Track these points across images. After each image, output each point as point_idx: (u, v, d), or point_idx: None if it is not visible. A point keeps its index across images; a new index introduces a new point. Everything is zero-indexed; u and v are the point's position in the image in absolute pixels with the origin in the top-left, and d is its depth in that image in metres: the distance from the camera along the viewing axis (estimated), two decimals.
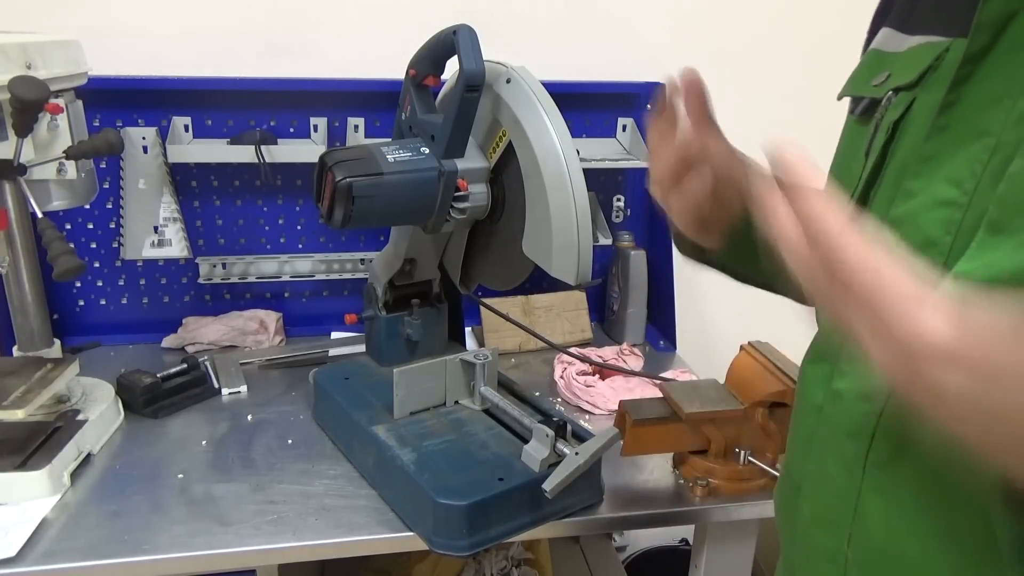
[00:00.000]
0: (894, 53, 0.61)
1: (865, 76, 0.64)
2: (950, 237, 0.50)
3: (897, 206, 0.55)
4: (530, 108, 0.90)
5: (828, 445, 0.59)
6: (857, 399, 0.56)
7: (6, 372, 1.02)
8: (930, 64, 0.55)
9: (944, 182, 0.51)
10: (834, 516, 0.58)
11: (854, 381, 0.57)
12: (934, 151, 0.52)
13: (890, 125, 0.57)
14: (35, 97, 0.88)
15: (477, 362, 1.04)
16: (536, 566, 1.43)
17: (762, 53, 1.54)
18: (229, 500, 0.97)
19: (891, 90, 0.58)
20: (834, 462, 0.58)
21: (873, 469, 0.55)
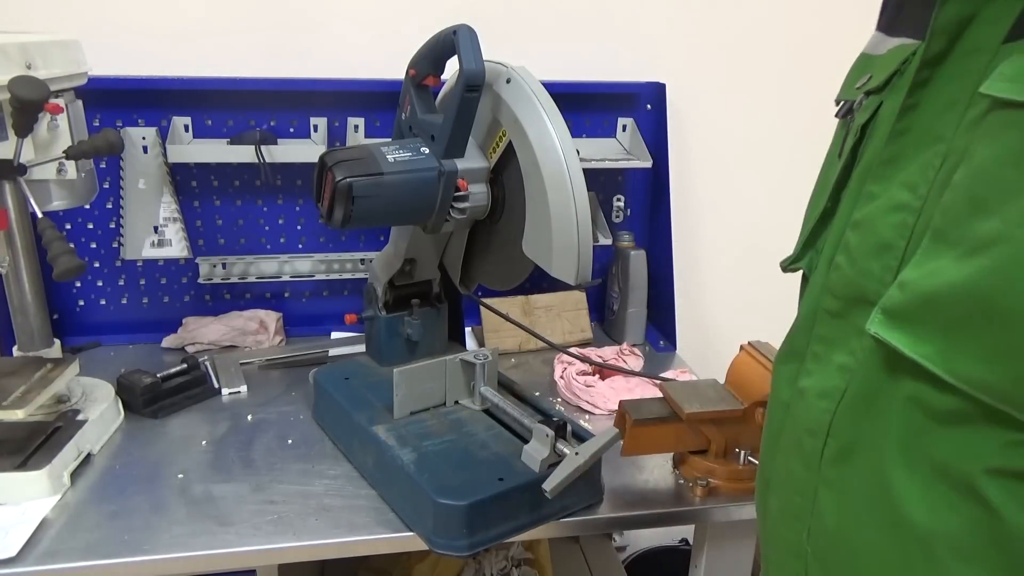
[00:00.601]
0: (876, 55, 0.61)
1: (852, 79, 0.65)
2: (903, 241, 0.51)
3: (859, 209, 0.55)
4: (530, 108, 0.90)
5: (791, 442, 0.60)
6: (817, 397, 0.57)
7: (6, 372, 1.02)
8: (897, 68, 0.56)
9: (901, 186, 0.52)
10: (796, 511, 0.59)
11: (816, 380, 0.58)
12: (894, 155, 0.53)
13: (859, 128, 0.58)
14: (35, 97, 0.88)
15: (477, 362, 1.04)
16: (536, 566, 1.43)
17: (762, 53, 1.54)
18: (229, 500, 0.97)
19: (863, 93, 0.60)
20: (796, 458, 0.59)
21: (827, 465, 0.56)
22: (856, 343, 0.54)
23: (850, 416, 0.54)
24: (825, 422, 0.56)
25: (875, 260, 0.53)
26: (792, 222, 1.86)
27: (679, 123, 1.54)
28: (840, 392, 0.55)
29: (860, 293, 0.54)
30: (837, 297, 0.57)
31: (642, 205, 1.56)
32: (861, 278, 0.54)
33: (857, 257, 0.54)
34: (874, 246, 0.53)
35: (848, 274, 0.55)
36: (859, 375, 0.54)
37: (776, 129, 1.60)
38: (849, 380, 0.54)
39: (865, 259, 0.54)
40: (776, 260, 1.69)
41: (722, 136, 1.58)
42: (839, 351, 0.56)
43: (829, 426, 0.56)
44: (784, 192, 1.65)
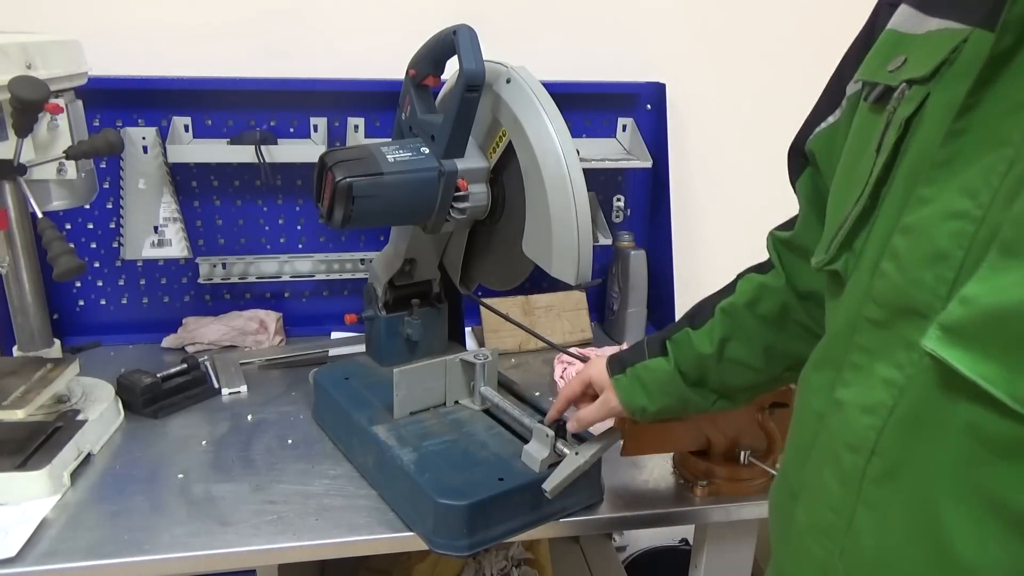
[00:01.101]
0: (911, 35, 0.57)
1: (880, 59, 0.59)
2: (962, 252, 0.47)
3: (909, 213, 0.51)
4: (530, 108, 0.90)
5: (827, 455, 0.58)
6: (859, 411, 0.54)
7: (6, 372, 1.02)
8: (946, 57, 0.52)
9: (957, 192, 0.48)
10: (828, 527, 0.57)
11: (857, 392, 0.55)
12: (949, 157, 0.49)
13: (902, 121, 0.54)
14: (35, 97, 0.88)
15: (477, 362, 1.04)
16: (536, 566, 1.43)
17: (762, 53, 1.54)
18: (229, 500, 0.97)
19: (904, 81, 0.55)
20: (831, 473, 0.57)
21: (869, 484, 0.53)
22: (904, 356, 0.51)
23: (898, 435, 0.51)
24: (869, 439, 0.53)
25: (928, 269, 0.49)
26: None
27: (679, 123, 1.54)
28: (887, 408, 0.52)
29: (909, 303, 0.51)
30: (881, 306, 0.53)
31: (642, 205, 1.56)
32: (911, 287, 0.51)
33: (907, 265, 0.51)
34: (928, 255, 0.49)
35: (896, 282, 0.52)
36: (910, 392, 0.51)
37: (776, 129, 1.60)
38: (898, 397, 0.51)
39: (916, 267, 0.50)
40: None
41: (722, 136, 1.58)
42: (883, 363, 0.53)
43: (874, 444, 0.53)
44: (784, 192, 1.65)
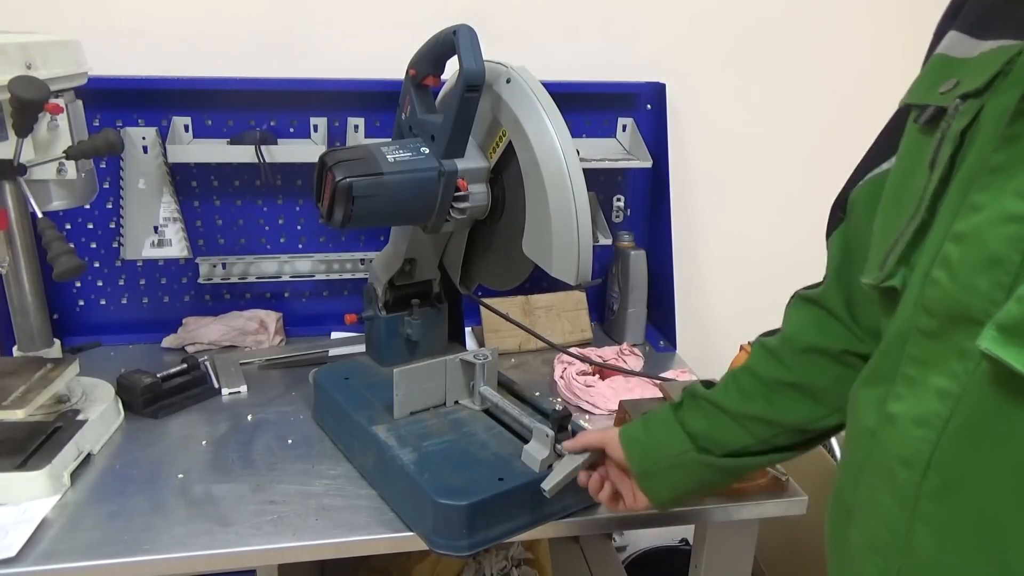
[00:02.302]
0: (963, 59, 0.57)
1: (931, 83, 0.59)
2: (1018, 255, 0.47)
3: (961, 220, 0.51)
4: (530, 108, 0.90)
5: (880, 472, 0.56)
6: (912, 424, 0.53)
7: (6, 372, 1.02)
8: (1000, 69, 0.52)
9: (1013, 196, 0.48)
10: (883, 547, 0.56)
11: (910, 405, 0.54)
12: (1003, 162, 0.49)
13: (957, 134, 0.53)
14: (35, 97, 0.88)
15: (477, 362, 1.04)
16: (536, 566, 1.43)
17: (762, 53, 1.54)
18: (229, 500, 0.97)
19: (958, 97, 0.54)
20: (886, 490, 0.55)
21: (926, 500, 0.52)
22: (959, 365, 0.50)
23: (955, 448, 0.50)
24: (924, 452, 0.52)
25: (983, 275, 0.49)
26: (792, 222, 1.86)
27: (679, 123, 1.54)
28: (942, 420, 0.51)
29: (963, 311, 0.50)
30: (933, 315, 0.52)
31: (642, 205, 1.56)
32: (964, 294, 0.50)
33: (960, 272, 0.50)
34: (982, 260, 0.49)
35: (949, 290, 0.51)
36: (966, 402, 0.50)
37: (776, 129, 1.60)
38: (953, 407, 0.50)
39: (970, 274, 0.49)
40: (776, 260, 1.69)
41: (722, 136, 1.58)
42: (937, 373, 0.52)
43: (929, 457, 0.51)
44: (784, 192, 1.65)
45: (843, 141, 1.64)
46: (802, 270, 1.77)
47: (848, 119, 1.61)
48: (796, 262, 1.73)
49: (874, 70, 1.58)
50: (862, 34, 1.56)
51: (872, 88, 1.58)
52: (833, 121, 1.61)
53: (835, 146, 1.63)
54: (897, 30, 1.56)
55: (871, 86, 1.58)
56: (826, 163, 1.64)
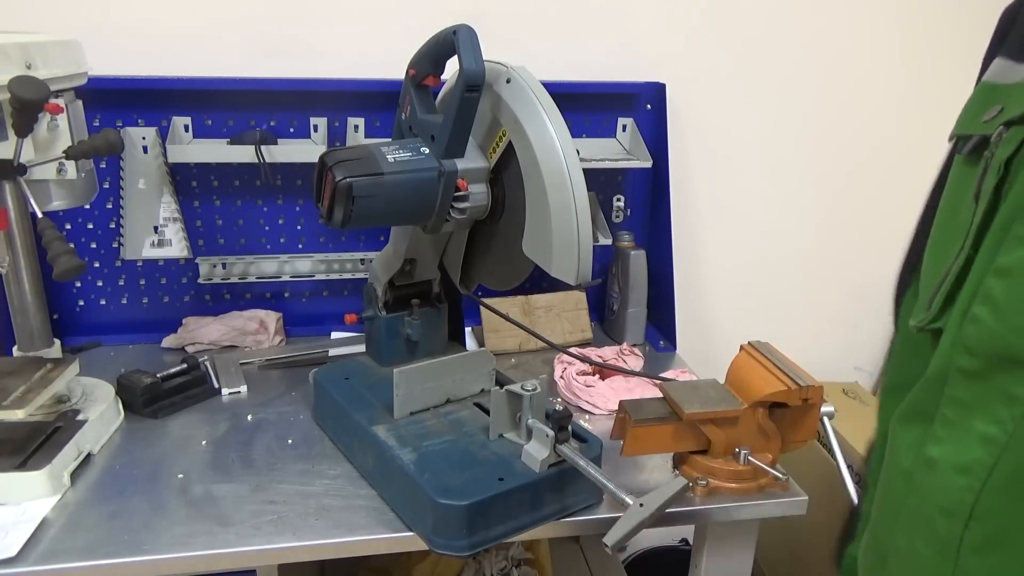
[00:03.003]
0: (1008, 85, 0.54)
1: (975, 111, 0.57)
2: None
3: (1005, 253, 0.48)
4: (530, 108, 0.90)
5: (918, 519, 0.54)
6: (953, 471, 0.50)
7: (6, 372, 1.02)
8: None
9: None
10: None
11: (950, 450, 0.51)
12: None
13: (1001, 164, 0.51)
14: (35, 97, 0.88)
15: (525, 393, 0.93)
16: (536, 566, 1.43)
17: (762, 53, 1.54)
18: (229, 500, 0.97)
19: (1002, 124, 0.52)
20: (924, 540, 0.53)
21: (968, 553, 0.49)
22: (1004, 411, 0.48)
23: (1001, 499, 0.48)
24: (967, 502, 0.49)
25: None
26: (792, 222, 1.85)
27: (679, 123, 1.54)
28: (986, 468, 0.48)
29: (1009, 351, 0.47)
30: (975, 355, 0.50)
31: (642, 205, 1.56)
32: (1011, 334, 0.47)
33: (1005, 310, 0.47)
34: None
35: (993, 329, 0.48)
36: (1013, 450, 0.47)
37: (776, 129, 1.60)
38: (998, 455, 0.48)
39: (1016, 312, 0.47)
40: (776, 260, 1.69)
41: (722, 136, 1.58)
42: (980, 418, 0.49)
43: (972, 508, 0.49)
44: (784, 191, 1.65)
45: (843, 141, 1.64)
46: (802, 270, 1.78)
47: (848, 119, 1.61)
48: (796, 262, 1.74)
49: (874, 71, 1.58)
50: (862, 35, 1.56)
51: (872, 88, 1.59)
52: (833, 121, 1.61)
53: (835, 146, 1.63)
54: (897, 31, 1.56)
55: (871, 86, 1.58)
56: (826, 163, 1.64)
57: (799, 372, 0.98)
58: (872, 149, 1.64)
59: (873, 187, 1.65)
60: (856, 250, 1.67)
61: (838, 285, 1.69)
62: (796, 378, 0.97)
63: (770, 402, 0.98)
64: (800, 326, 1.71)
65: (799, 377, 0.97)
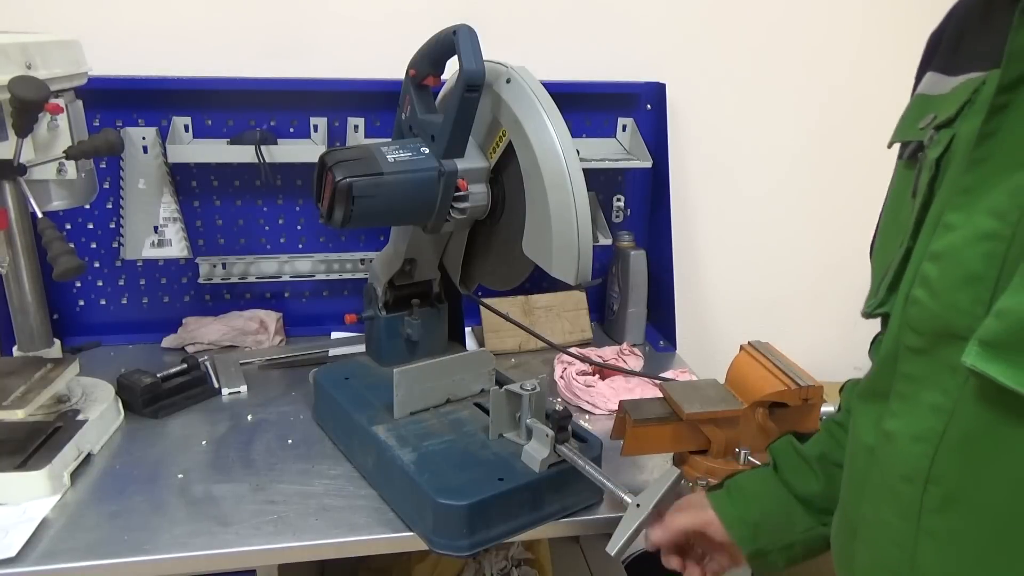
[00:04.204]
0: (939, 95, 0.60)
1: (912, 120, 0.63)
2: (994, 270, 0.49)
3: (936, 240, 0.53)
4: (530, 108, 0.90)
5: (882, 489, 0.57)
6: (910, 441, 0.54)
7: (6, 372, 1.02)
8: (968, 98, 0.55)
9: (985, 214, 0.50)
10: (891, 564, 0.56)
11: (906, 422, 0.55)
12: (973, 183, 0.51)
13: (933, 163, 0.56)
14: (35, 97, 0.88)
15: (524, 393, 0.94)
16: (536, 566, 1.43)
17: (762, 53, 1.54)
18: (229, 500, 0.97)
19: (933, 128, 0.58)
20: (888, 507, 0.56)
21: (929, 514, 0.53)
22: (949, 380, 0.52)
23: (953, 460, 0.51)
24: (923, 468, 0.53)
25: (962, 292, 0.51)
26: (792, 221, 1.85)
27: (679, 123, 1.54)
28: (937, 435, 0.52)
29: (948, 327, 0.52)
30: (919, 333, 0.54)
31: (642, 205, 1.56)
32: (947, 312, 0.52)
33: (940, 290, 0.52)
34: (960, 278, 0.51)
35: (931, 308, 0.53)
36: (959, 416, 0.51)
37: (776, 129, 1.60)
38: (947, 421, 0.52)
39: (950, 292, 0.51)
40: (776, 260, 1.69)
41: (722, 136, 1.58)
42: (929, 390, 0.53)
43: (928, 472, 0.53)
44: (784, 191, 1.65)
45: (843, 140, 1.64)
46: (802, 270, 1.77)
47: (848, 119, 1.61)
48: (796, 262, 1.74)
49: (874, 71, 1.58)
50: (861, 35, 1.56)
51: (872, 88, 1.59)
52: (833, 120, 1.61)
53: (835, 145, 1.63)
54: (896, 31, 1.56)
55: (871, 86, 1.58)
56: (826, 163, 1.64)
57: (799, 372, 0.98)
58: (872, 148, 1.63)
59: (873, 187, 1.65)
60: (856, 250, 1.67)
61: (838, 285, 1.69)
62: (796, 378, 0.97)
63: (770, 402, 0.98)
64: (800, 326, 1.71)
65: (799, 377, 0.97)
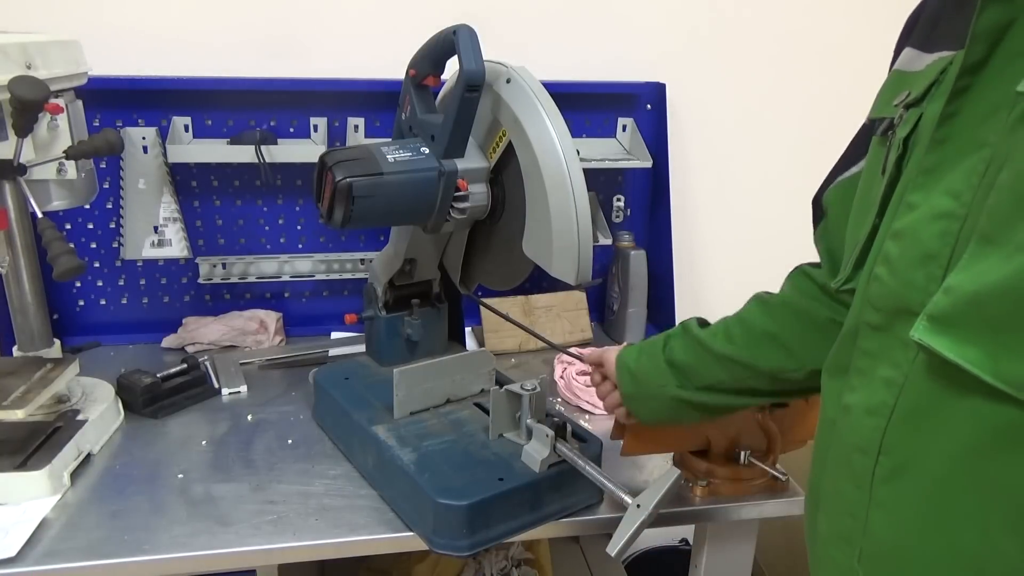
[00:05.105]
0: (914, 72, 0.60)
1: (887, 97, 0.64)
2: (948, 249, 0.50)
3: (899, 219, 0.54)
4: (530, 108, 0.90)
5: (840, 461, 0.59)
6: (864, 413, 0.56)
7: (6, 372, 1.02)
8: (935, 78, 0.55)
9: (942, 194, 0.51)
10: (846, 532, 0.58)
11: (862, 395, 0.56)
12: (934, 163, 0.52)
13: (900, 141, 0.57)
14: (35, 97, 0.88)
15: (524, 393, 0.95)
16: (536, 566, 1.43)
17: (762, 53, 1.54)
18: (229, 500, 0.97)
19: (903, 107, 0.58)
20: (845, 477, 0.58)
21: (879, 484, 0.54)
22: (902, 355, 0.53)
23: (902, 432, 0.53)
24: (875, 440, 0.54)
25: (918, 270, 0.52)
26: (791, 221, 1.85)
27: (679, 123, 1.54)
28: (888, 408, 0.53)
29: (903, 304, 0.53)
30: (878, 309, 0.55)
31: (642, 205, 1.56)
32: (904, 289, 0.53)
33: (899, 268, 0.53)
34: (917, 256, 0.52)
35: (890, 285, 0.54)
36: (909, 389, 0.52)
37: (776, 129, 1.60)
38: (898, 395, 0.53)
39: (907, 270, 0.52)
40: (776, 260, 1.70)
41: (722, 136, 1.58)
42: (884, 365, 0.55)
43: (880, 443, 0.54)
44: (784, 191, 1.65)
45: (843, 141, 1.64)
46: None
47: (847, 119, 1.61)
48: (796, 261, 1.74)
49: (873, 70, 1.58)
50: (861, 34, 1.55)
51: (872, 88, 1.58)
52: (832, 121, 1.61)
53: (835, 146, 1.63)
54: (896, 31, 1.56)
55: (870, 86, 1.58)
56: (826, 163, 1.64)
57: None
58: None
59: None
60: None
61: None
62: None
63: (770, 402, 0.98)
64: None
65: None
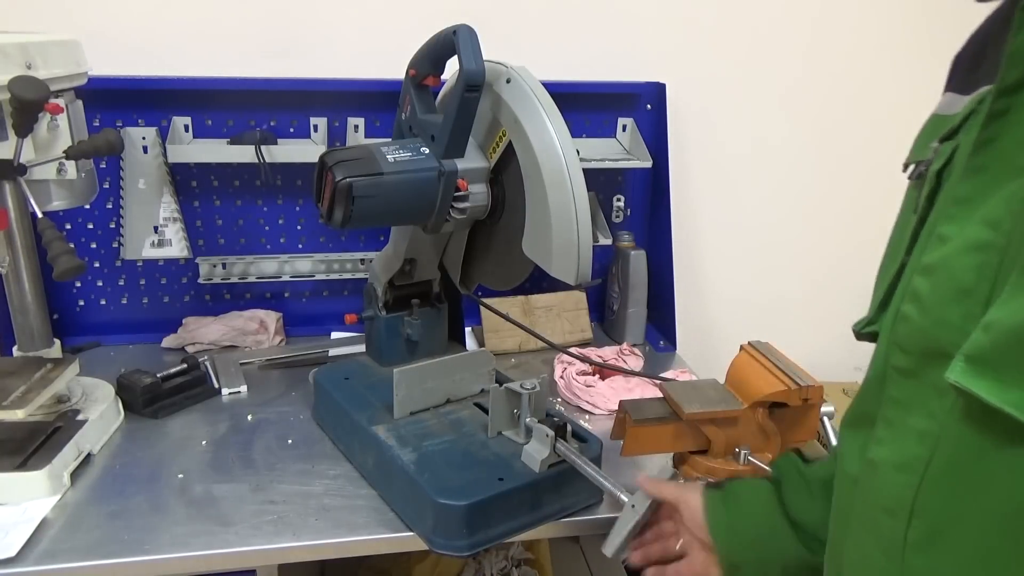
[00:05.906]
0: (951, 115, 0.57)
1: (924, 141, 0.60)
2: (987, 283, 0.45)
3: (928, 253, 0.49)
4: (530, 108, 0.90)
5: (865, 523, 0.53)
6: (893, 470, 0.50)
7: (6, 372, 1.02)
8: (972, 108, 0.52)
9: (979, 224, 0.46)
10: None
11: (890, 449, 0.51)
12: (969, 193, 0.48)
13: (934, 175, 0.53)
14: (35, 97, 0.88)
15: (524, 392, 0.95)
16: (536, 566, 1.43)
17: (762, 53, 1.54)
18: (229, 500, 0.97)
19: (937, 141, 0.55)
20: (872, 543, 0.52)
21: (912, 552, 0.49)
22: (936, 403, 0.48)
23: (938, 491, 0.47)
24: (907, 500, 0.48)
25: (953, 307, 0.47)
26: (792, 221, 1.85)
27: (679, 123, 1.54)
28: (922, 463, 0.48)
29: (936, 345, 0.48)
30: (907, 352, 0.50)
31: (642, 205, 1.56)
32: (936, 328, 0.48)
33: (930, 305, 0.48)
34: (952, 292, 0.47)
35: (920, 324, 0.49)
36: (945, 442, 0.47)
37: (776, 129, 1.60)
38: (933, 448, 0.47)
39: (940, 307, 0.47)
40: (776, 260, 1.69)
41: (722, 136, 1.58)
42: (916, 414, 0.49)
43: (912, 504, 0.48)
44: (784, 191, 1.65)
45: (844, 141, 1.64)
46: (802, 270, 1.77)
47: (849, 119, 1.61)
48: (796, 262, 1.74)
49: (875, 70, 1.58)
50: (863, 35, 1.56)
51: (873, 88, 1.59)
52: (833, 121, 1.61)
53: (836, 146, 1.63)
54: (898, 31, 1.56)
55: (872, 86, 1.58)
56: (826, 163, 1.64)
57: (799, 372, 0.98)
58: (873, 149, 1.64)
59: (874, 187, 1.65)
60: (857, 249, 1.67)
61: (838, 285, 1.69)
62: (796, 378, 0.97)
63: (770, 402, 0.98)
64: (800, 326, 1.71)
65: (799, 377, 0.97)
